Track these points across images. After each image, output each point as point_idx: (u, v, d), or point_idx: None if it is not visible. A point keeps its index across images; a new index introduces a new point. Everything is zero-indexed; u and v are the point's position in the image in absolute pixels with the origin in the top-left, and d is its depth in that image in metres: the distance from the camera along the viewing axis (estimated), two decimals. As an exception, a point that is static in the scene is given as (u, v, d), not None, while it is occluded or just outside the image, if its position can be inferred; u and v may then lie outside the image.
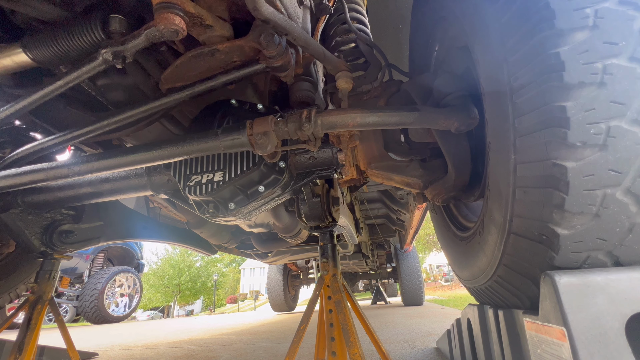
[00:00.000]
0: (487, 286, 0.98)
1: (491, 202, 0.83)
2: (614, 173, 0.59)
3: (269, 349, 2.57)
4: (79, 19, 0.89)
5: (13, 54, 0.93)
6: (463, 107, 1.00)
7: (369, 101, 1.26)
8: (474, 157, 1.09)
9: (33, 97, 0.95)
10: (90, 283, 6.25)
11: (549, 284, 0.62)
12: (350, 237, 2.24)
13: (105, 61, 0.86)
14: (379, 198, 3.78)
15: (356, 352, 1.01)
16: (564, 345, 0.58)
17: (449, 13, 1.06)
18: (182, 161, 1.21)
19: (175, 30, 0.80)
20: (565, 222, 0.63)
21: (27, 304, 1.50)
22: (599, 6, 0.60)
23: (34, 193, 1.46)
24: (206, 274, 31.16)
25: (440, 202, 1.23)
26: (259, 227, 1.82)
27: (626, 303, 0.57)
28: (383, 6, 1.96)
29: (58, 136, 1.14)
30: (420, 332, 2.88)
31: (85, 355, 2.53)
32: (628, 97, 0.58)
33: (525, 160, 0.67)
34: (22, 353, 1.36)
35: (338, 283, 1.21)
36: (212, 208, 1.21)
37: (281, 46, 0.97)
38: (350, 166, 1.29)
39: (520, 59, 0.66)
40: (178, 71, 1.05)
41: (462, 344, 1.33)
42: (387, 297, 9.10)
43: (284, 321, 5.45)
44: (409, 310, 5.35)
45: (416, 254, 6.19)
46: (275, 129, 1.00)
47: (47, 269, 1.58)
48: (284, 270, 6.73)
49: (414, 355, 1.94)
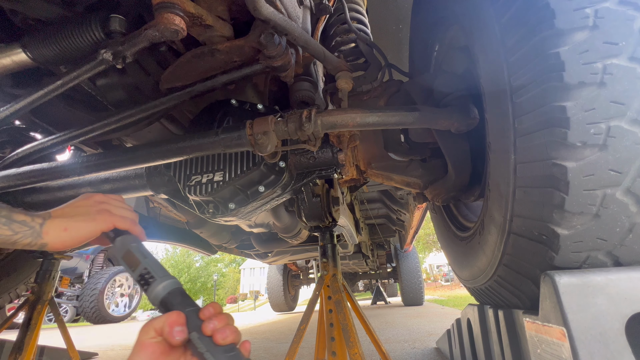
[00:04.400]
0: (487, 286, 0.98)
1: (491, 202, 0.83)
2: (614, 173, 0.59)
3: (269, 349, 2.57)
4: (79, 19, 0.89)
5: (13, 54, 0.93)
6: (463, 107, 1.00)
7: (369, 101, 1.26)
8: (474, 157, 1.09)
9: (33, 97, 0.94)
10: (90, 283, 6.25)
11: (549, 284, 0.62)
12: (350, 237, 2.24)
13: (105, 61, 0.86)
14: (379, 198, 3.78)
15: (356, 352, 1.01)
16: (564, 345, 0.58)
17: (449, 13, 1.06)
18: (182, 161, 1.21)
19: (175, 30, 0.80)
20: (565, 222, 0.63)
21: (27, 304, 1.50)
22: (599, 6, 0.60)
23: (34, 193, 1.46)
24: (206, 274, 31.15)
25: (440, 202, 1.23)
26: (259, 227, 1.82)
27: (626, 303, 0.57)
28: (383, 6, 1.95)
29: (58, 136, 1.13)
30: (420, 332, 2.87)
31: (85, 355, 2.53)
32: (628, 97, 0.58)
33: (526, 160, 0.67)
34: (22, 353, 1.36)
35: (338, 283, 1.21)
36: (212, 208, 1.21)
37: (281, 46, 0.97)
38: (350, 166, 1.29)
39: (520, 59, 0.66)
40: (178, 71, 1.04)
41: (462, 344, 1.33)
42: (387, 297, 9.10)
43: (284, 321, 5.44)
44: (409, 310, 5.35)
45: (416, 254, 6.19)
46: (275, 129, 1.00)
47: (47, 269, 1.59)
48: (284, 270, 6.73)
49: (414, 355, 1.94)
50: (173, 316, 0.48)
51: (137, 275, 0.58)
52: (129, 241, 0.64)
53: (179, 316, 0.49)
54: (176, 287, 0.56)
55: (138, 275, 0.58)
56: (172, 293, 0.55)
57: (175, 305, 0.52)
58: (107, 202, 0.65)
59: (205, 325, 0.48)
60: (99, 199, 0.65)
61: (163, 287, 0.55)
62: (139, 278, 0.57)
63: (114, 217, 0.63)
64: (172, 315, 0.48)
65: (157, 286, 0.55)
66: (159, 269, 0.58)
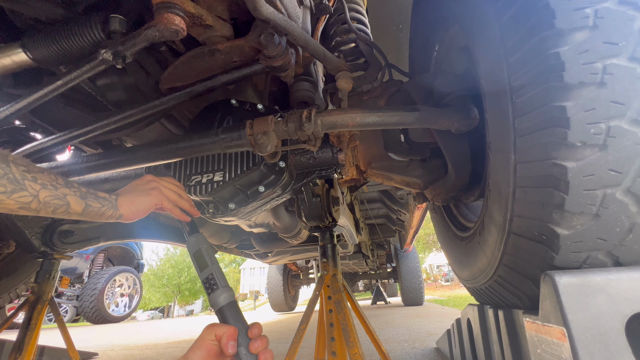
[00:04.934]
0: (487, 286, 0.98)
1: (491, 202, 0.83)
2: (614, 173, 0.59)
3: (269, 349, 2.57)
4: (79, 19, 0.89)
5: (13, 54, 0.93)
6: (463, 107, 1.00)
7: (369, 101, 1.26)
8: (474, 157, 1.09)
9: (33, 97, 0.94)
10: (90, 283, 6.24)
11: (549, 284, 0.62)
12: (350, 237, 2.24)
13: (105, 61, 0.86)
14: (379, 198, 3.77)
15: (356, 352, 1.01)
16: (564, 345, 0.58)
17: (449, 13, 1.06)
18: (182, 161, 1.21)
19: (175, 30, 0.80)
20: (565, 222, 0.63)
21: (27, 304, 1.50)
22: (599, 6, 0.60)
23: (34, 193, 1.45)
24: (206, 274, 31.07)
25: (440, 202, 1.23)
26: (259, 227, 1.82)
27: (626, 303, 0.57)
28: (383, 6, 1.95)
29: (58, 136, 1.14)
30: (420, 332, 2.88)
31: (85, 355, 2.53)
32: (628, 97, 0.58)
33: (526, 160, 0.67)
34: (22, 353, 1.36)
35: (338, 283, 1.21)
36: (212, 208, 1.21)
37: (281, 46, 0.97)
38: (350, 166, 1.29)
39: (520, 59, 0.66)
40: (178, 71, 1.04)
41: (462, 344, 1.33)
42: (387, 297, 9.09)
43: (284, 321, 5.44)
44: (409, 310, 5.35)
45: (416, 254, 6.18)
46: (275, 129, 1.00)
47: (47, 269, 1.58)
48: (284, 270, 6.73)
49: (414, 355, 1.94)
50: (231, 330, 0.60)
51: (204, 277, 0.69)
52: (201, 241, 0.76)
53: (235, 332, 0.61)
54: (233, 301, 0.67)
55: (205, 278, 0.69)
56: (229, 305, 0.66)
57: (230, 318, 0.64)
58: (156, 181, 0.78)
59: (252, 345, 0.61)
60: (149, 178, 0.79)
61: (224, 298, 0.66)
62: (205, 281, 0.69)
63: (162, 195, 0.76)
64: (230, 329, 0.61)
65: (219, 295, 0.66)
66: (221, 277, 0.69)
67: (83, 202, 0.62)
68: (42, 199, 0.56)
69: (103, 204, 0.65)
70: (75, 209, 0.61)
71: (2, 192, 0.52)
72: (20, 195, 0.54)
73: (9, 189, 0.52)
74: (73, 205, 0.61)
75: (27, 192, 0.54)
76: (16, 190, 0.53)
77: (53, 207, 0.58)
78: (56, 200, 0.58)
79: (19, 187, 0.53)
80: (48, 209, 0.58)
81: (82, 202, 0.62)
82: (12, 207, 0.54)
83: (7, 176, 0.52)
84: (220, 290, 0.67)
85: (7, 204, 0.53)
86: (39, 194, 0.56)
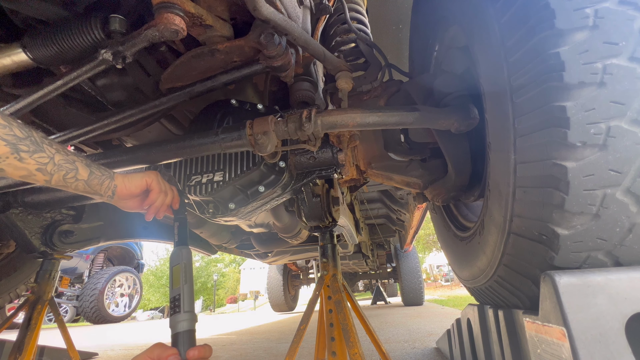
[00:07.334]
0: (487, 286, 0.98)
1: (491, 202, 0.83)
2: (614, 173, 0.59)
3: (269, 349, 2.57)
4: (79, 19, 0.89)
5: (13, 54, 0.93)
6: (463, 107, 1.00)
7: (369, 101, 1.26)
8: (474, 157, 1.09)
9: (33, 97, 0.95)
10: (90, 283, 6.24)
11: (549, 284, 0.62)
12: (350, 237, 2.24)
13: (105, 61, 0.86)
14: (379, 198, 3.77)
15: (356, 352, 1.01)
16: (564, 345, 0.58)
17: (449, 13, 1.06)
18: (182, 161, 1.21)
19: (175, 30, 0.80)
20: (565, 222, 0.63)
21: (27, 304, 1.50)
22: (599, 6, 0.60)
23: (34, 193, 1.46)
24: (206, 274, 31.10)
25: (440, 202, 1.23)
26: (259, 227, 1.82)
27: (626, 303, 0.57)
28: (383, 6, 1.96)
29: (58, 136, 1.14)
30: (420, 332, 2.88)
31: (85, 355, 2.53)
32: (628, 97, 0.58)
33: (526, 160, 0.67)
34: (22, 353, 1.36)
35: (338, 283, 1.21)
36: (212, 208, 1.21)
37: (281, 46, 0.97)
38: (350, 166, 1.29)
39: (520, 59, 0.66)
40: (178, 71, 1.04)
41: (462, 344, 1.33)
42: (387, 297, 9.09)
43: (284, 321, 5.45)
44: (409, 310, 5.35)
45: (416, 254, 6.18)
46: (275, 129, 1.00)
47: (47, 269, 1.58)
48: (284, 270, 6.72)
49: (414, 355, 1.94)
50: (170, 353, 0.64)
51: (172, 296, 0.70)
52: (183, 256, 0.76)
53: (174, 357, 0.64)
54: (191, 329, 0.68)
55: (172, 297, 0.70)
56: (185, 334, 0.67)
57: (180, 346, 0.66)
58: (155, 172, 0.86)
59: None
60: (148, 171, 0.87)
61: (182, 325, 0.67)
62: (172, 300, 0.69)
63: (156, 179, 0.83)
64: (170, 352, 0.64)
65: (179, 321, 0.67)
66: (189, 301, 0.69)
67: (88, 169, 0.70)
68: (57, 161, 0.64)
69: (103, 173, 0.73)
70: (83, 175, 0.69)
71: (26, 151, 0.59)
72: (40, 156, 0.61)
73: (31, 149, 0.60)
74: (81, 171, 0.69)
75: (45, 153, 0.62)
76: (37, 151, 0.61)
77: (65, 170, 0.66)
78: (68, 164, 0.66)
79: (39, 149, 0.61)
80: (60, 172, 0.65)
81: (87, 169, 0.70)
82: (31, 167, 0.61)
83: (30, 138, 0.60)
84: (181, 316, 0.68)
85: (28, 163, 0.60)
86: (54, 157, 0.64)
